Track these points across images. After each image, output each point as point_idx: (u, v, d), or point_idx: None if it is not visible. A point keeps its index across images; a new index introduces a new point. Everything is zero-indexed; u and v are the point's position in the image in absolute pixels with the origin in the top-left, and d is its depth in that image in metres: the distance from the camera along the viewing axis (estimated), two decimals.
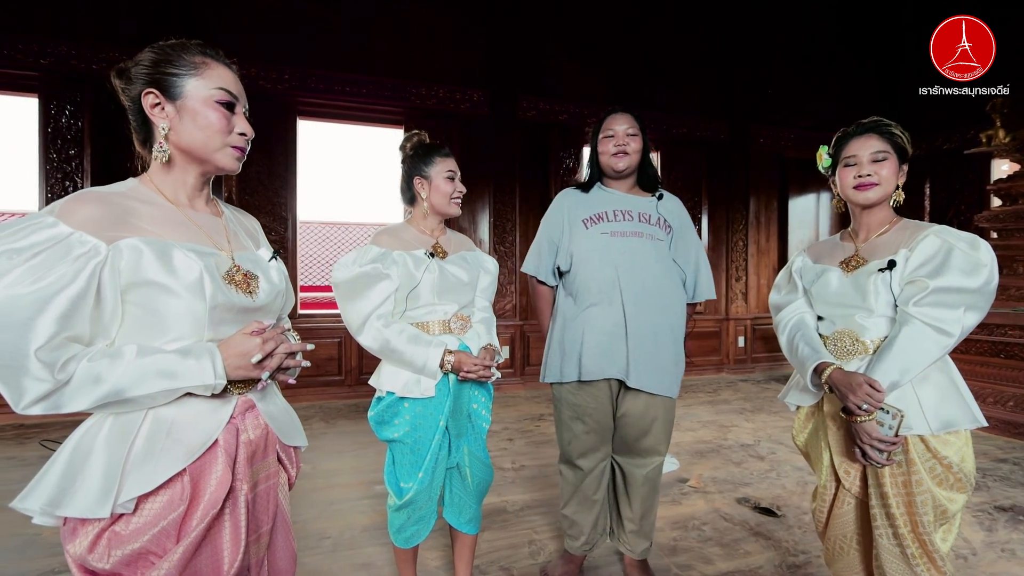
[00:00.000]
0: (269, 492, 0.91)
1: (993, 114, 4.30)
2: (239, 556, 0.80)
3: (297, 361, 0.88)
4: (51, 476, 0.75)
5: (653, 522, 1.81)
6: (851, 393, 1.14)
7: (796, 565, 1.95)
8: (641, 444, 1.72)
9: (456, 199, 1.51)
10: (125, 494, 0.74)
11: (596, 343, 1.64)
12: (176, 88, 0.83)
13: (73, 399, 0.71)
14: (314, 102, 4.51)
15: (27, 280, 0.68)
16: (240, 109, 0.88)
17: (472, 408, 1.51)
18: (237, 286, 0.86)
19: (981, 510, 2.41)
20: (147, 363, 0.74)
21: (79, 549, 0.74)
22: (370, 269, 1.36)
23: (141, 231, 0.79)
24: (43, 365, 0.68)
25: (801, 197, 6.13)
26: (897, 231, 1.26)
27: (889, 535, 1.18)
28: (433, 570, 1.90)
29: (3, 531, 2.16)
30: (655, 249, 1.67)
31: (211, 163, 0.87)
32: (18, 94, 3.96)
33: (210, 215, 0.92)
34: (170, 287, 0.77)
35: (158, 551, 0.75)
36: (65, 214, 0.74)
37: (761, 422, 3.93)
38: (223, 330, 0.84)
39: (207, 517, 0.77)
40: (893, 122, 1.28)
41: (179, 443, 0.78)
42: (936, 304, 1.11)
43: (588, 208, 1.73)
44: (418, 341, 1.38)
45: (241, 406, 0.87)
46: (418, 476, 1.41)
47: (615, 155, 1.68)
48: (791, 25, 6.02)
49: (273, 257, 0.97)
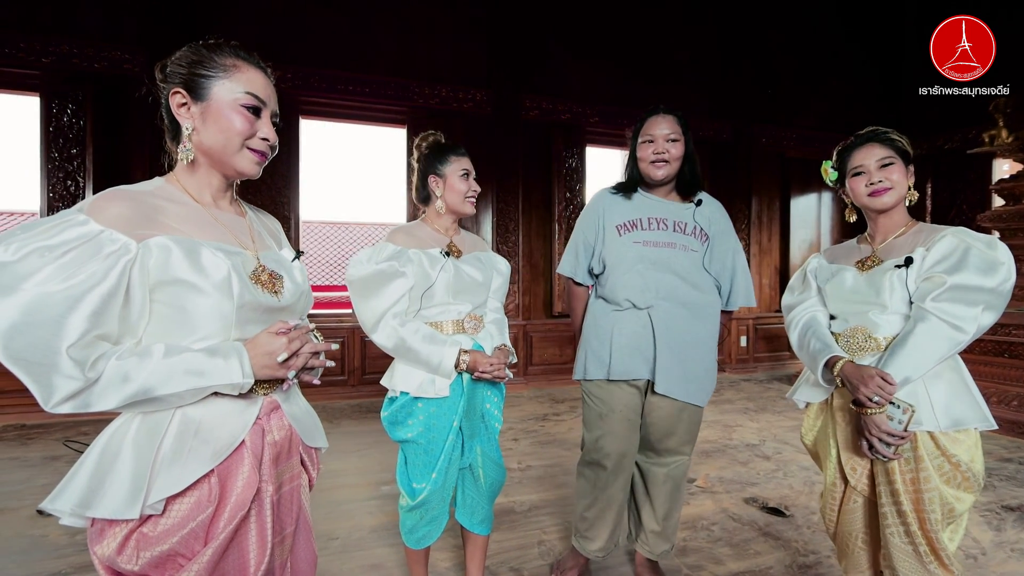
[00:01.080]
0: (293, 494, 0.91)
1: (996, 114, 4.31)
2: (265, 558, 0.80)
3: (321, 361, 0.88)
4: (80, 477, 0.74)
5: (676, 524, 1.78)
6: (862, 385, 1.14)
7: (807, 565, 1.95)
8: (664, 444, 1.70)
9: (471, 198, 1.50)
10: (154, 495, 0.73)
11: (624, 344, 1.63)
12: (203, 89, 0.83)
13: (102, 398, 0.70)
14: (317, 101, 4.49)
15: (58, 278, 0.68)
16: (267, 114, 0.87)
17: (485, 408, 1.51)
18: (263, 286, 0.86)
19: (989, 510, 2.41)
20: (175, 362, 0.74)
21: (107, 551, 0.74)
22: (386, 267, 1.34)
23: (169, 229, 0.78)
24: (74, 363, 0.67)
25: (803, 197, 6.14)
26: (913, 234, 1.27)
27: (901, 533, 1.17)
28: (444, 571, 1.89)
29: (8, 533, 2.15)
30: (688, 260, 1.63)
31: (230, 166, 0.86)
32: (20, 93, 3.94)
33: (234, 215, 0.92)
34: (198, 286, 0.77)
35: (187, 553, 0.75)
36: (95, 211, 0.73)
37: (766, 422, 3.93)
38: (249, 330, 0.83)
39: (235, 519, 0.77)
40: (889, 128, 1.31)
41: (207, 444, 0.78)
42: (953, 300, 1.12)
43: (623, 214, 1.68)
44: (433, 340, 1.37)
45: (266, 407, 0.86)
46: (431, 477, 1.40)
47: (654, 163, 1.60)
48: (793, 25, 6.02)
49: (296, 257, 0.97)
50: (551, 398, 4.61)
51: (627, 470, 1.74)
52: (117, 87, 3.95)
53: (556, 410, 4.22)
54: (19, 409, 3.75)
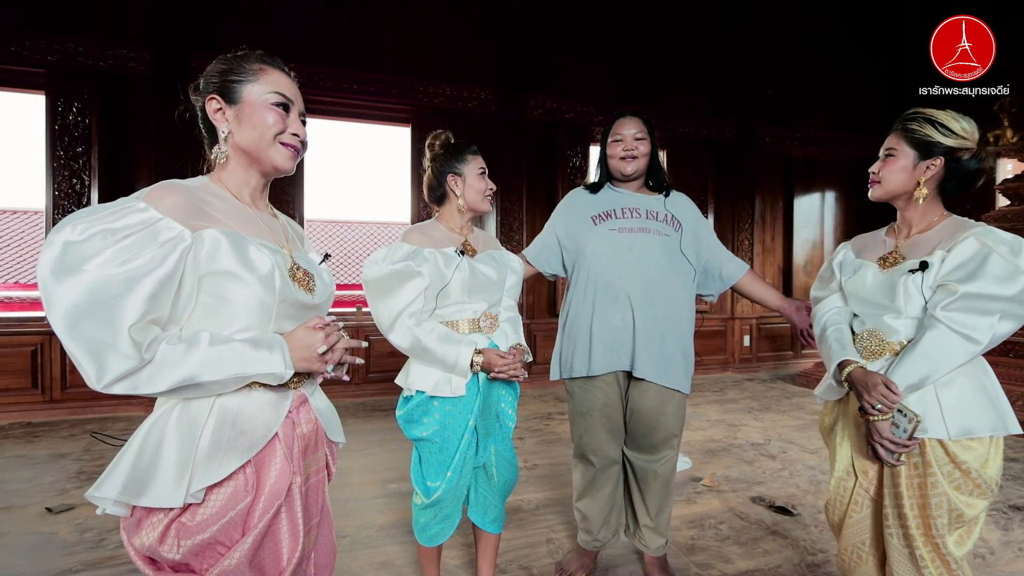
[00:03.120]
0: (319, 485, 0.94)
1: (1001, 114, 4.31)
2: (299, 548, 0.82)
3: (353, 357, 0.92)
4: (122, 467, 0.76)
5: (668, 519, 1.82)
6: (866, 392, 1.13)
7: (815, 564, 1.95)
8: (650, 439, 1.73)
9: (488, 195, 1.50)
10: (196, 484, 0.75)
11: (605, 337, 1.68)
12: (236, 93, 0.88)
13: (151, 381, 0.72)
14: (321, 100, 4.49)
15: (118, 260, 0.70)
16: (295, 112, 0.92)
17: (500, 407, 1.51)
18: (299, 283, 0.89)
19: (996, 509, 2.41)
20: (222, 350, 0.76)
21: (148, 540, 0.75)
22: (401, 267, 1.35)
23: (218, 223, 0.82)
24: (133, 343, 0.69)
25: (806, 196, 6.14)
26: (940, 229, 1.21)
27: (899, 535, 1.16)
28: (453, 569, 1.90)
29: (17, 531, 2.15)
30: (662, 244, 1.71)
31: (266, 161, 0.90)
32: (26, 91, 3.95)
33: (269, 216, 0.96)
34: (244, 278, 0.80)
35: (226, 542, 0.77)
36: (153, 200, 0.77)
37: (770, 421, 3.94)
38: (284, 324, 0.87)
39: (271, 509, 0.79)
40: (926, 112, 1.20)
41: (244, 435, 0.80)
42: (965, 310, 1.08)
43: (597, 206, 1.77)
44: (449, 340, 1.37)
45: (296, 400, 0.89)
46: (446, 475, 1.41)
47: (623, 159, 1.72)
48: (797, 23, 6.01)
49: (323, 260, 1.02)
50: (555, 396, 4.62)
51: (614, 465, 1.80)
52: (122, 85, 3.95)
53: (560, 409, 4.22)
54: (24, 407, 3.76)
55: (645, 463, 1.76)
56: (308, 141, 0.95)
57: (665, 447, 1.75)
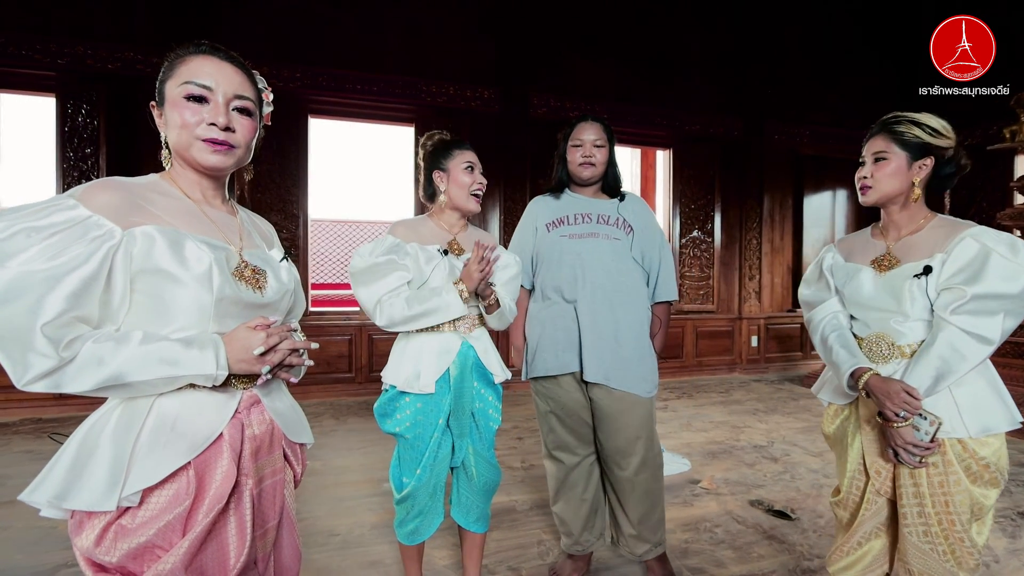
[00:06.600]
0: (276, 488, 0.92)
1: (1018, 109, 4.19)
2: (245, 550, 0.81)
3: (301, 359, 0.88)
4: (58, 469, 0.75)
5: (655, 526, 1.79)
6: (888, 400, 1.13)
7: (811, 570, 1.91)
8: (613, 443, 1.72)
9: (476, 192, 1.49)
10: (130, 487, 0.74)
11: (554, 339, 1.72)
12: (161, 94, 0.85)
13: (75, 379, 0.71)
14: (326, 100, 4.52)
15: (42, 258, 0.69)
16: (218, 99, 0.83)
17: (476, 407, 1.50)
18: (246, 281, 0.87)
19: (1004, 516, 2.34)
20: (151, 349, 0.74)
21: (86, 543, 0.74)
22: (384, 260, 1.37)
23: (157, 220, 0.80)
24: (48, 341, 0.68)
25: (816, 195, 6.03)
26: (931, 230, 1.22)
27: (919, 533, 1.17)
28: (442, 569, 1.89)
29: (19, 524, 2.19)
30: (612, 248, 1.73)
31: (194, 161, 0.85)
32: (36, 94, 4.02)
33: (225, 214, 0.94)
34: (179, 277, 0.78)
35: (164, 545, 0.75)
36: (86, 198, 0.75)
37: (775, 423, 3.87)
38: (228, 323, 0.84)
39: (212, 511, 0.77)
40: (908, 115, 1.22)
41: (183, 437, 0.78)
42: (975, 312, 1.09)
43: (552, 213, 1.81)
44: (431, 295, 1.37)
45: (246, 401, 0.87)
46: (416, 472, 1.41)
47: (581, 165, 1.73)
48: (806, 19, 5.91)
49: (284, 259, 0.99)
50: None
51: (585, 461, 1.81)
52: (130, 87, 4.01)
53: None
54: (34, 403, 3.84)
55: (614, 468, 1.76)
56: (246, 128, 0.85)
57: (628, 452, 1.72)
